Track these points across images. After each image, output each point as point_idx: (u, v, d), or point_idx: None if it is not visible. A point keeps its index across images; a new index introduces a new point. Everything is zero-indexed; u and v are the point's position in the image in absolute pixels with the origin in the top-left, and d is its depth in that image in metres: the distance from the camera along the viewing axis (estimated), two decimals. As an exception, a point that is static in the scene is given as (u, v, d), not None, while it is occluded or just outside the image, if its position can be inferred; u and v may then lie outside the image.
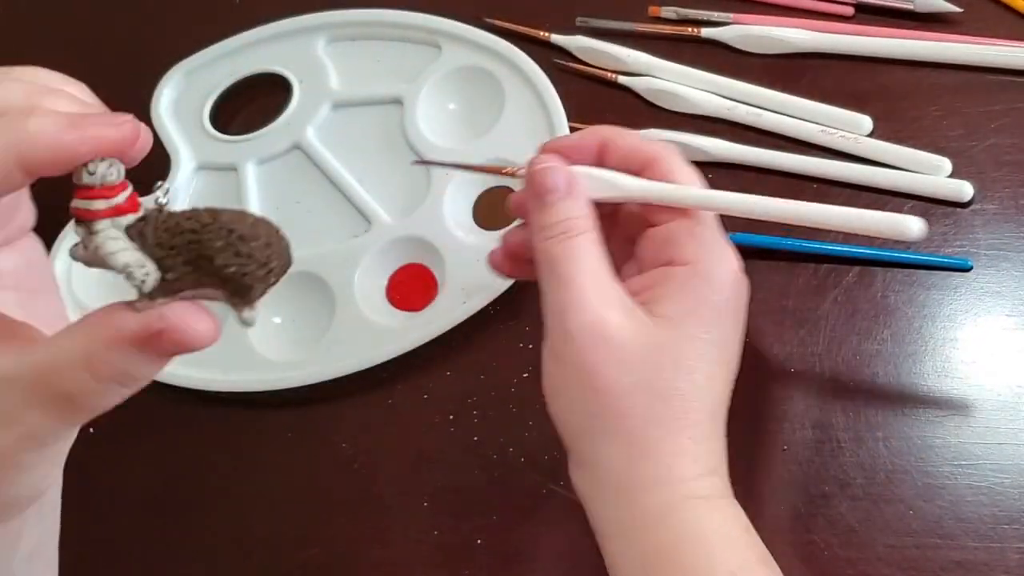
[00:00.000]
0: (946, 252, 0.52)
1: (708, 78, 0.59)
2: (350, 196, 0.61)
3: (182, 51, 0.67)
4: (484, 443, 0.53)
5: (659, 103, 0.59)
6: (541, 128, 0.59)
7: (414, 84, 0.62)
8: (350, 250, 0.58)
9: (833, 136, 0.55)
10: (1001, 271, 0.51)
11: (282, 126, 0.64)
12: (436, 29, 0.63)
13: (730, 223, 0.42)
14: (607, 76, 0.61)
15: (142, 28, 0.72)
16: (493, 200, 0.59)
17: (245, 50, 0.67)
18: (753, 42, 0.60)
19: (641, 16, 0.63)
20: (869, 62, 0.58)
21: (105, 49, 0.71)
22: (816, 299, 0.52)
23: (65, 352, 0.29)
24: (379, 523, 0.52)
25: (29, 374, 0.29)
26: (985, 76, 0.56)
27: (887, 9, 0.59)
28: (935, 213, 0.53)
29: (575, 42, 0.62)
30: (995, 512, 0.46)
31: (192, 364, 0.56)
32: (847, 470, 0.48)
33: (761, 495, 0.48)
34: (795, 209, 0.42)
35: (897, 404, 0.49)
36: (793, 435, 0.49)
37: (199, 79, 0.67)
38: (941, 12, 0.58)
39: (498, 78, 0.61)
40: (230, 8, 0.70)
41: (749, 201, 0.42)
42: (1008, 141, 0.54)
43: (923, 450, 0.48)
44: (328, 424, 0.56)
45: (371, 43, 0.66)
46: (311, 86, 0.64)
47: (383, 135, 0.62)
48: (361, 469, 0.54)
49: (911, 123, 0.55)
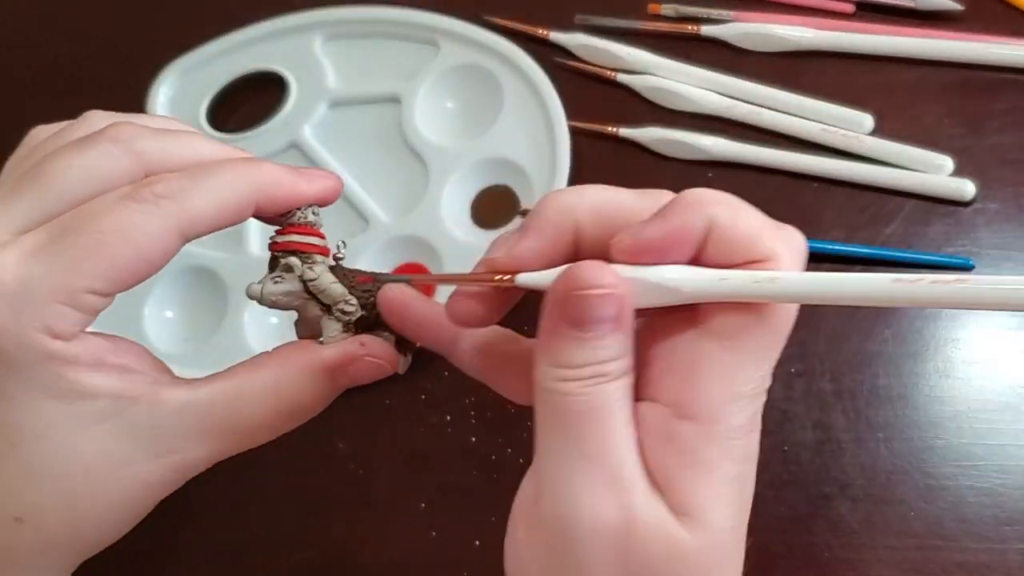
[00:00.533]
0: (947, 251, 0.52)
1: (708, 76, 0.59)
2: (347, 195, 0.60)
3: (179, 49, 0.67)
4: (482, 444, 0.52)
5: (659, 101, 0.59)
6: (540, 127, 0.58)
7: (412, 82, 0.62)
8: (348, 249, 0.58)
9: (834, 134, 0.55)
10: (1003, 270, 0.51)
11: (279, 125, 0.63)
12: (434, 27, 0.63)
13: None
14: (606, 74, 0.61)
15: (139, 26, 0.72)
16: (492, 199, 0.59)
17: (242, 48, 0.67)
18: (753, 40, 0.59)
19: (641, 14, 0.62)
20: (870, 60, 0.57)
21: (102, 47, 0.71)
22: (816, 299, 0.52)
23: (252, 381, 0.31)
24: (376, 524, 0.52)
25: (207, 404, 0.31)
26: (987, 74, 0.55)
27: (888, 7, 0.58)
28: (936, 212, 0.53)
29: (574, 40, 0.62)
30: (997, 513, 0.46)
31: (191, 364, 0.56)
32: (848, 471, 0.47)
33: (761, 496, 0.48)
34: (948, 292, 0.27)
35: (898, 405, 0.49)
36: (793, 435, 0.49)
37: (196, 77, 0.67)
38: (942, 10, 0.57)
39: (497, 76, 0.61)
40: (227, 6, 0.70)
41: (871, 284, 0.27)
42: (1010, 140, 0.54)
43: (924, 451, 0.47)
44: (325, 425, 0.55)
45: (369, 41, 0.65)
46: (308, 84, 0.64)
47: (381, 134, 0.62)
48: (358, 470, 0.54)
49: (912, 121, 0.55)
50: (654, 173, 0.58)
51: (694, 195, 0.29)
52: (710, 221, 0.28)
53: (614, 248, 0.29)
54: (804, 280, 0.28)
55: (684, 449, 0.28)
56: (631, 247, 0.29)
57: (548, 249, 0.30)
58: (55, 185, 0.29)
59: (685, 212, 0.29)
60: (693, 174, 0.57)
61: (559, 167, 0.57)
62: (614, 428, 0.29)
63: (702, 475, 0.28)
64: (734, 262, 0.29)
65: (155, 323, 0.59)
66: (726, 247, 0.29)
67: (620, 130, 0.58)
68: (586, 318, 0.29)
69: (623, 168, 0.58)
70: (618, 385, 0.29)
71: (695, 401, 0.29)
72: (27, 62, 0.72)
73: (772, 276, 0.28)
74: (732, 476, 0.29)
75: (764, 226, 0.29)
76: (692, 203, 0.29)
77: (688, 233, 0.29)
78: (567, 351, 0.29)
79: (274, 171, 0.32)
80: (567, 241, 0.30)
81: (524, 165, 0.58)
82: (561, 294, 0.29)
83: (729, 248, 0.29)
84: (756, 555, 0.32)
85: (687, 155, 0.57)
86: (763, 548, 0.46)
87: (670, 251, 0.29)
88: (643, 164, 0.58)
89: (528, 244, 0.30)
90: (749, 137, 0.57)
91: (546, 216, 0.30)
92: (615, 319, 0.29)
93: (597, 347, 0.29)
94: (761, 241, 0.29)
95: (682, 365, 0.29)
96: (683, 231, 0.29)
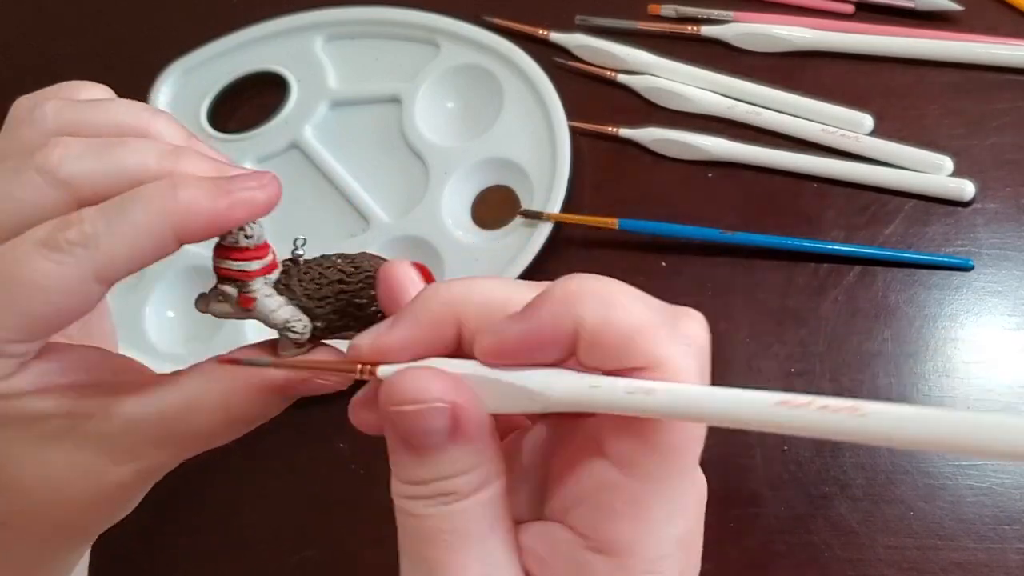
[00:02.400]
0: (947, 251, 0.52)
1: (708, 76, 0.59)
2: (348, 195, 0.60)
3: (180, 49, 0.67)
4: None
5: (659, 102, 0.59)
6: (540, 127, 0.58)
7: (412, 83, 0.62)
8: (348, 249, 0.58)
9: (834, 135, 0.55)
10: (1002, 270, 0.51)
11: (280, 125, 0.63)
12: (435, 27, 0.63)
13: (728, 220, 0.42)
14: (606, 75, 0.61)
15: (140, 25, 0.72)
16: (492, 199, 0.59)
17: (243, 48, 0.67)
18: (753, 40, 0.59)
19: (641, 14, 0.62)
20: (870, 60, 0.57)
21: (102, 47, 0.71)
22: (816, 299, 0.52)
23: (201, 395, 0.30)
24: (377, 524, 0.52)
25: (158, 416, 0.30)
26: (986, 74, 0.55)
27: (888, 7, 0.58)
28: (936, 212, 0.53)
29: (574, 40, 0.62)
30: (996, 513, 0.46)
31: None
32: (847, 471, 0.48)
33: (761, 495, 0.48)
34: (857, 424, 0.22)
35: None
36: (793, 435, 0.49)
37: (197, 77, 0.67)
38: (942, 10, 0.57)
39: (497, 77, 0.61)
40: (228, 6, 0.70)
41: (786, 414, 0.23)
42: (1009, 140, 0.54)
43: (923, 451, 0.47)
44: (326, 425, 0.55)
45: (369, 41, 0.65)
46: (309, 85, 0.64)
47: (381, 134, 0.62)
48: (359, 470, 0.54)
49: (912, 122, 0.55)
50: (654, 173, 0.58)
51: (561, 289, 0.25)
52: (576, 321, 0.24)
53: (476, 348, 0.26)
54: (684, 395, 0.24)
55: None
56: (490, 348, 0.25)
57: (422, 340, 0.27)
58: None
59: (547, 311, 0.25)
60: (693, 174, 0.57)
61: (559, 167, 0.57)
62: (467, 554, 0.25)
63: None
64: (611, 368, 0.25)
65: (156, 323, 0.59)
66: (598, 351, 0.24)
67: (620, 130, 0.58)
68: (414, 434, 0.25)
69: (623, 168, 0.58)
70: (472, 503, 0.25)
71: (605, 534, 0.25)
72: (27, 62, 0.72)
73: (648, 388, 0.24)
74: None
75: (644, 326, 0.24)
76: (556, 300, 0.25)
77: (549, 333, 0.25)
78: (406, 466, 0.26)
79: (190, 200, 0.28)
80: (447, 335, 0.27)
81: (524, 165, 0.58)
82: (383, 408, 0.26)
83: (601, 352, 0.24)
84: (756, 555, 0.32)
85: (687, 155, 0.57)
86: (763, 548, 0.46)
87: (532, 353, 0.25)
88: (643, 164, 0.58)
89: (398, 334, 0.27)
90: (749, 137, 0.57)
91: (425, 306, 0.27)
92: (451, 431, 0.25)
93: (436, 462, 0.26)
94: (639, 345, 0.24)
95: (588, 492, 0.26)
96: (543, 332, 0.25)
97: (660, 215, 0.55)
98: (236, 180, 0.30)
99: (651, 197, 0.57)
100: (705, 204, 0.56)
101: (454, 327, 0.27)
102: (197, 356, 0.56)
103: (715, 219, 0.54)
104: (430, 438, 0.25)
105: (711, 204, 0.56)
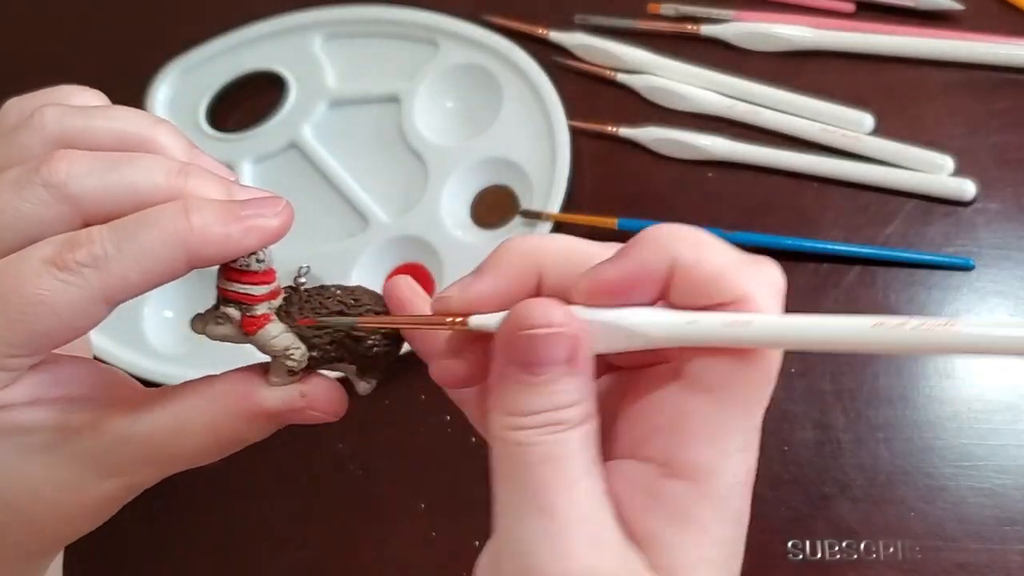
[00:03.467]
0: (948, 251, 0.52)
1: (708, 76, 0.59)
2: (347, 195, 0.60)
3: (178, 48, 0.67)
4: (482, 444, 0.52)
5: (658, 101, 0.59)
6: (540, 126, 0.58)
7: (411, 82, 0.62)
8: (347, 249, 0.58)
9: (834, 134, 0.55)
10: (1003, 270, 0.51)
11: (278, 124, 0.63)
12: (434, 26, 0.63)
13: (728, 220, 0.42)
14: (606, 74, 0.61)
15: (138, 25, 0.72)
16: (492, 199, 0.59)
17: (241, 47, 0.67)
18: (753, 39, 0.59)
19: (640, 13, 0.62)
20: (870, 60, 0.57)
21: (101, 46, 0.71)
22: (816, 299, 0.52)
23: (191, 417, 0.30)
24: (376, 524, 0.52)
25: (146, 435, 0.30)
26: (987, 74, 0.55)
27: (888, 6, 0.58)
28: (936, 212, 0.53)
29: (574, 39, 0.62)
30: (997, 514, 0.45)
31: (189, 365, 0.56)
32: (848, 471, 0.47)
33: (761, 496, 0.47)
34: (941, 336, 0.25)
35: (898, 405, 0.49)
36: (793, 436, 0.49)
37: (195, 76, 0.67)
38: (943, 9, 0.57)
39: (496, 76, 0.61)
40: (226, 5, 0.70)
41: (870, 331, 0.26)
42: (1010, 139, 0.53)
43: (924, 451, 0.47)
44: (325, 425, 0.55)
45: (368, 40, 0.65)
46: (308, 84, 0.64)
47: (380, 133, 0.62)
48: (358, 470, 0.54)
49: (913, 121, 0.55)
50: (654, 173, 0.57)
51: (654, 233, 0.27)
52: (671, 260, 0.26)
53: (573, 290, 0.27)
54: (781, 324, 0.26)
55: (673, 509, 0.26)
56: (588, 288, 0.27)
57: (506, 291, 0.28)
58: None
59: (643, 251, 0.27)
60: (693, 174, 0.57)
61: (559, 167, 0.56)
62: (574, 479, 0.26)
63: (692, 536, 0.26)
64: (701, 304, 0.26)
65: (155, 323, 0.59)
66: (691, 288, 0.26)
67: (620, 130, 0.58)
68: (535, 360, 0.27)
69: (623, 168, 0.58)
70: (578, 433, 0.27)
71: (684, 458, 0.26)
72: (27, 61, 0.72)
73: (746, 319, 0.26)
74: (724, 540, 0.27)
75: (732, 264, 0.26)
76: (651, 241, 0.27)
77: (647, 273, 0.26)
78: (517, 397, 0.27)
79: (203, 226, 0.28)
80: (529, 285, 0.28)
81: (524, 165, 0.58)
82: (507, 335, 0.27)
83: (694, 289, 0.26)
84: (756, 555, 0.32)
85: (687, 155, 0.57)
86: (763, 548, 0.46)
87: (630, 292, 0.27)
88: (643, 164, 0.58)
89: (483, 285, 0.28)
90: (749, 137, 0.57)
91: (506, 258, 0.28)
92: (568, 360, 0.27)
93: (550, 392, 0.27)
94: (729, 281, 0.26)
95: (667, 421, 0.27)
96: (641, 271, 0.26)
97: (660, 215, 0.55)
98: (249, 205, 0.30)
99: (651, 197, 0.57)
100: (705, 204, 0.56)
101: (535, 277, 0.28)
102: (195, 357, 0.57)
103: (715, 218, 0.54)
104: (552, 364, 0.27)
105: (711, 204, 0.56)
